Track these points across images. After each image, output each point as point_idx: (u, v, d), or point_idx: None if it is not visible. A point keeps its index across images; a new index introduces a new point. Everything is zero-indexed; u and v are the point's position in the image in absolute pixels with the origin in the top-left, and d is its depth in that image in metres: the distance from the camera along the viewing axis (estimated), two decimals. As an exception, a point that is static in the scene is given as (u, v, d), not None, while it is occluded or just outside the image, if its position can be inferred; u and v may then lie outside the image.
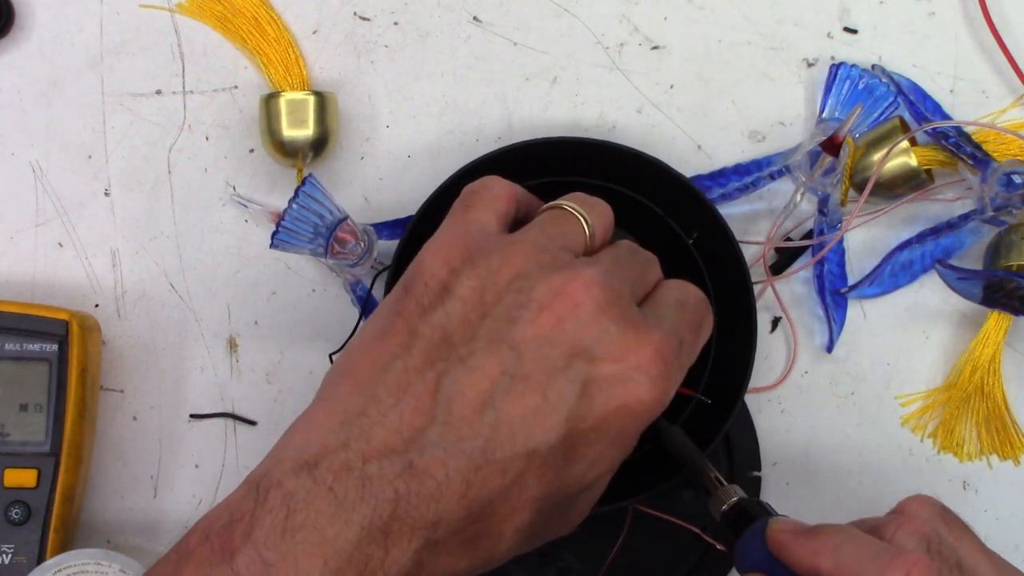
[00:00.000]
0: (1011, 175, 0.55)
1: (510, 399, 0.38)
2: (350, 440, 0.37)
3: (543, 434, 0.38)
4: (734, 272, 0.52)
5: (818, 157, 0.55)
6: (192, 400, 0.58)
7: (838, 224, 0.57)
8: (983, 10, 0.59)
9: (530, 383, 0.38)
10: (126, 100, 0.59)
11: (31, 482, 0.53)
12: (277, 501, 0.36)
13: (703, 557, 0.55)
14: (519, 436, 0.37)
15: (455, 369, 0.38)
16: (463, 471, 0.37)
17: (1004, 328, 0.56)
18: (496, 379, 0.38)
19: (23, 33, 0.59)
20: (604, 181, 0.53)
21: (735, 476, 0.57)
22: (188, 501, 0.57)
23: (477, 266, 0.40)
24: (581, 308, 0.39)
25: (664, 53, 0.60)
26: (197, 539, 0.36)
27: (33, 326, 0.53)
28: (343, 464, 0.36)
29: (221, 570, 0.35)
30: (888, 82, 0.58)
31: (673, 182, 0.53)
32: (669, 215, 0.54)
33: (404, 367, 0.38)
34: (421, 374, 0.38)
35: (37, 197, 0.58)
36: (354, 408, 0.38)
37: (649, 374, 0.39)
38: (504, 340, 0.38)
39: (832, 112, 0.58)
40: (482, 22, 0.60)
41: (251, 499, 0.36)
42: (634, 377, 0.39)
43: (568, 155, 0.53)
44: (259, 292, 0.58)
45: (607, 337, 0.39)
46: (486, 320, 0.39)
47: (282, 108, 0.56)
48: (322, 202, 0.53)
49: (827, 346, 0.58)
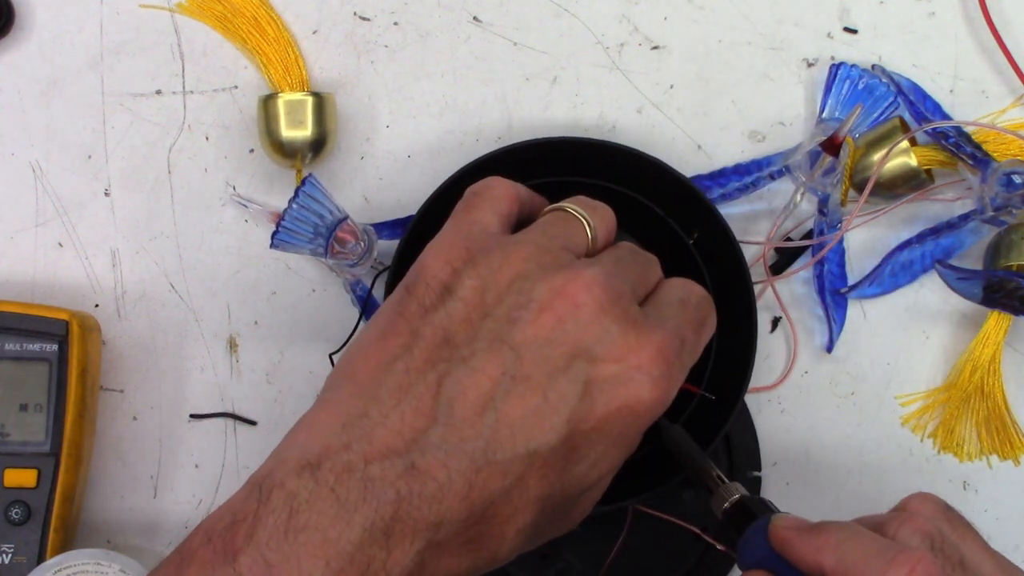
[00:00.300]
0: (1011, 175, 0.55)
1: (511, 400, 0.38)
2: (352, 441, 0.37)
3: (544, 435, 0.38)
4: (734, 272, 0.52)
5: (818, 157, 0.55)
6: (192, 400, 0.58)
7: (838, 224, 0.57)
8: (983, 10, 0.59)
9: (531, 384, 0.38)
10: (126, 100, 0.59)
11: (31, 482, 0.53)
12: (280, 501, 0.36)
13: (703, 557, 0.55)
14: (520, 437, 0.37)
15: (456, 370, 0.38)
16: (465, 472, 0.37)
17: (1004, 328, 0.56)
18: (497, 380, 0.38)
19: (23, 33, 0.59)
20: (604, 181, 0.53)
21: (735, 476, 0.57)
22: (188, 501, 0.57)
23: (478, 266, 0.40)
24: (582, 308, 0.39)
25: (664, 53, 0.60)
26: (200, 540, 0.36)
27: (33, 326, 0.53)
28: (345, 465, 0.36)
29: (224, 571, 0.35)
30: (888, 82, 0.58)
31: (673, 182, 0.53)
32: (669, 215, 0.54)
33: (406, 368, 0.38)
34: (423, 375, 0.38)
35: (37, 197, 0.58)
36: (356, 409, 0.38)
37: (651, 374, 0.39)
38: (505, 340, 0.38)
39: (832, 112, 0.58)
40: (482, 22, 0.60)
41: (254, 499, 0.36)
42: (635, 377, 0.39)
43: (568, 155, 0.53)
44: (259, 292, 0.58)
45: (608, 337, 0.39)
46: (487, 320, 0.39)
47: (280, 109, 0.56)
48: (322, 202, 0.53)
49: (827, 346, 0.58)
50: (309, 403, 0.54)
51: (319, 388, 0.58)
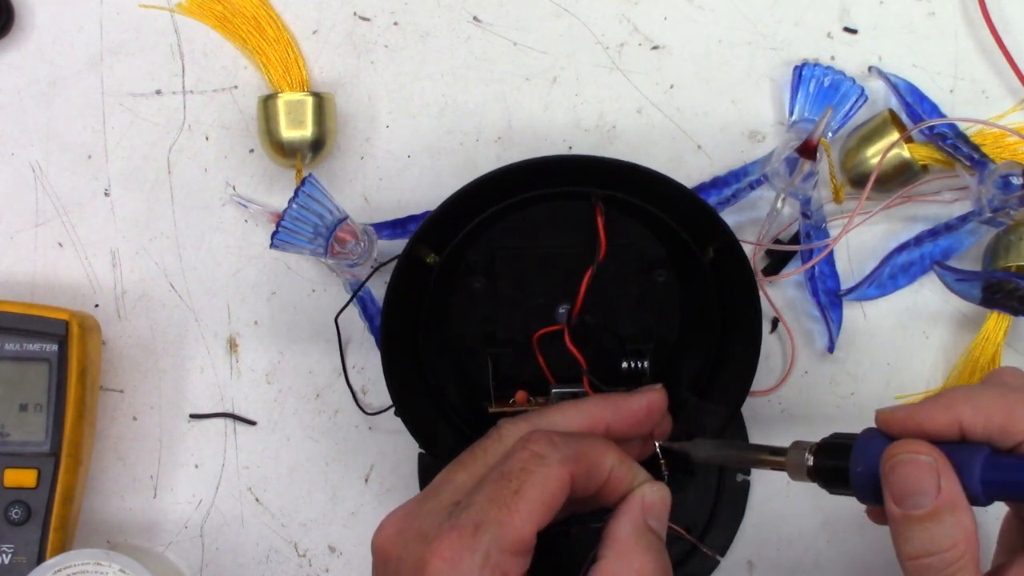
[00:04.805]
0: (1008, 177, 0.54)
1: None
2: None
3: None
4: (739, 280, 0.52)
5: (796, 163, 0.55)
6: (192, 400, 0.58)
7: (823, 225, 0.57)
8: (983, 10, 0.59)
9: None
10: (126, 100, 0.59)
11: (31, 482, 0.53)
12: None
13: (687, 557, 0.55)
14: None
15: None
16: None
17: (1003, 328, 0.56)
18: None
19: (23, 33, 0.59)
20: (611, 191, 0.52)
21: (724, 479, 0.57)
22: (188, 501, 0.58)
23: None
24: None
25: (664, 53, 0.60)
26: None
27: (33, 326, 0.53)
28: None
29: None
30: (884, 83, 0.58)
31: (674, 194, 0.52)
32: (679, 224, 0.53)
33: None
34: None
35: (37, 197, 0.58)
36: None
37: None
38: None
39: (801, 113, 0.58)
40: (482, 22, 0.60)
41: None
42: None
43: (566, 168, 0.52)
44: (259, 292, 0.58)
45: None
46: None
47: (280, 109, 0.56)
48: (322, 202, 0.53)
49: (828, 347, 0.58)
50: (309, 403, 0.54)
51: (319, 388, 0.58)
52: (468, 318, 0.54)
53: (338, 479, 0.58)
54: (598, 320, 0.52)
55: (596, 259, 0.49)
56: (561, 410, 0.46)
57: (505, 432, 0.44)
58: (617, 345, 0.53)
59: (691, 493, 0.56)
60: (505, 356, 0.53)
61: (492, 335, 0.53)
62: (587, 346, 0.50)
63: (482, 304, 0.54)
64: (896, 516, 0.39)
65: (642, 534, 0.42)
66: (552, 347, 0.51)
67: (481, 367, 0.53)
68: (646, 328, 0.53)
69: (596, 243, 0.50)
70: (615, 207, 0.51)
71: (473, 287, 0.53)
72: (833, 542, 0.58)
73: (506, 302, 0.53)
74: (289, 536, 0.58)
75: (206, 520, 0.58)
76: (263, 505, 0.58)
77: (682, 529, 0.47)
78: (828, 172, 0.57)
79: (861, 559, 0.58)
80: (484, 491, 0.40)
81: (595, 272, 0.49)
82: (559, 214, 0.52)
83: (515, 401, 0.53)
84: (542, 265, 0.53)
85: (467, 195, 0.50)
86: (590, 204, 0.50)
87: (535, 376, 0.53)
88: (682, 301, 0.54)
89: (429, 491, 0.43)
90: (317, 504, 0.58)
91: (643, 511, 0.43)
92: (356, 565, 0.58)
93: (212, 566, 0.58)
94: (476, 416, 0.54)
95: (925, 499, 0.38)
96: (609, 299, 0.52)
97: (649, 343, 0.53)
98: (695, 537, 0.56)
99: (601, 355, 0.52)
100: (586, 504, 0.44)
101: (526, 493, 0.40)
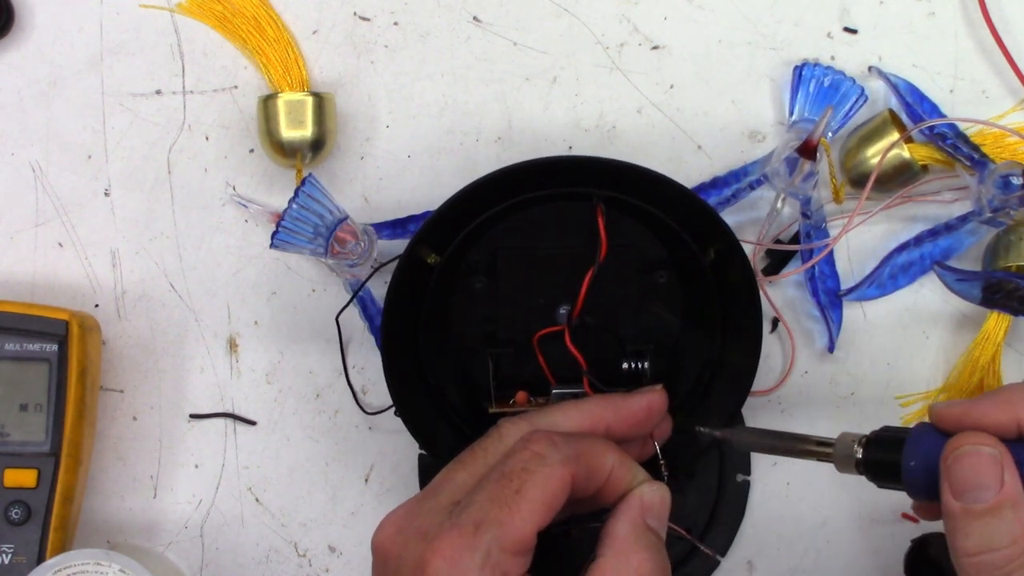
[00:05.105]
0: (1008, 177, 0.54)
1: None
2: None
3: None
4: (739, 280, 0.52)
5: (796, 163, 0.55)
6: (192, 400, 0.58)
7: (823, 225, 0.58)
8: (983, 10, 0.59)
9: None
10: (126, 100, 0.59)
11: (31, 482, 0.53)
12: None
13: (687, 557, 0.55)
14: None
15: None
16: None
17: (1003, 328, 0.56)
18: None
19: (23, 33, 0.59)
20: (612, 192, 0.52)
21: (724, 478, 0.57)
22: (188, 501, 0.58)
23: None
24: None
25: (664, 53, 0.60)
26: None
27: (33, 326, 0.53)
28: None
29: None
30: (884, 83, 0.58)
31: (675, 194, 0.52)
32: (680, 224, 0.53)
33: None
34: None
35: (37, 197, 0.58)
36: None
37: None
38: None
39: (801, 113, 0.58)
40: (482, 22, 0.60)
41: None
42: None
43: (567, 168, 0.52)
44: (259, 292, 0.58)
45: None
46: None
47: (280, 109, 0.56)
48: (322, 202, 0.53)
49: (828, 346, 0.58)
50: (309, 403, 0.54)
51: (319, 388, 0.58)
52: (469, 318, 0.54)
53: (338, 479, 0.58)
54: (599, 321, 0.52)
55: (597, 260, 0.49)
56: (562, 410, 0.46)
57: (505, 432, 0.44)
58: (617, 346, 0.53)
59: (691, 493, 0.56)
60: (506, 356, 0.53)
61: (493, 335, 0.53)
62: (587, 347, 0.50)
63: (483, 304, 0.54)
64: (955, 511, 0.38)
65: (641, 533, 0.42)
66: (552, 347, 0.51)
67: (481, 367, 0.53)
68: (646, 329, 0.53)
69: (597, 244, 0.50)
70: (616, 208, 0.51)
71: (474, 287, 0.53)
72: (833, 542, 0.58)
73: (507, 302, 0.53)
74: (289, 536, 0.58)
75: (206, 520, 0.58)
76: (263, 505, 0.58)
77: (682, 529, 0.47)
78: (828, 172, 0.57)
79: (861, 559, 0.58)
80: (485, 490, 0.40)
81: (596, 273, 0.50)
82: (560, 215, 0.52)
83: (515, 401, 0.53)
84: (543, 266, 0.53)
85: (468, 196, 0.50)
86: (591, 205, 0.50)
87: (535, 376, 0.52)
88: (683, 301, 0.54)
89: (429, 490, 0.43)
90: (317, 504, 0.58)
91: (642, 510, 0.43)
92: (356, 565, 0.58)
93: (212, 566, 0.58)
94: (476, 416, 0.54)
95: (987, 493, 0.38)
96: (610, 300, 0.52)
97: (649, 344, 0.53)
98: (695, 537, 0.56)
99: (601, 356, 0.52)
100: (586, 504, 0.44)
101: (527, 493, 0.40)
